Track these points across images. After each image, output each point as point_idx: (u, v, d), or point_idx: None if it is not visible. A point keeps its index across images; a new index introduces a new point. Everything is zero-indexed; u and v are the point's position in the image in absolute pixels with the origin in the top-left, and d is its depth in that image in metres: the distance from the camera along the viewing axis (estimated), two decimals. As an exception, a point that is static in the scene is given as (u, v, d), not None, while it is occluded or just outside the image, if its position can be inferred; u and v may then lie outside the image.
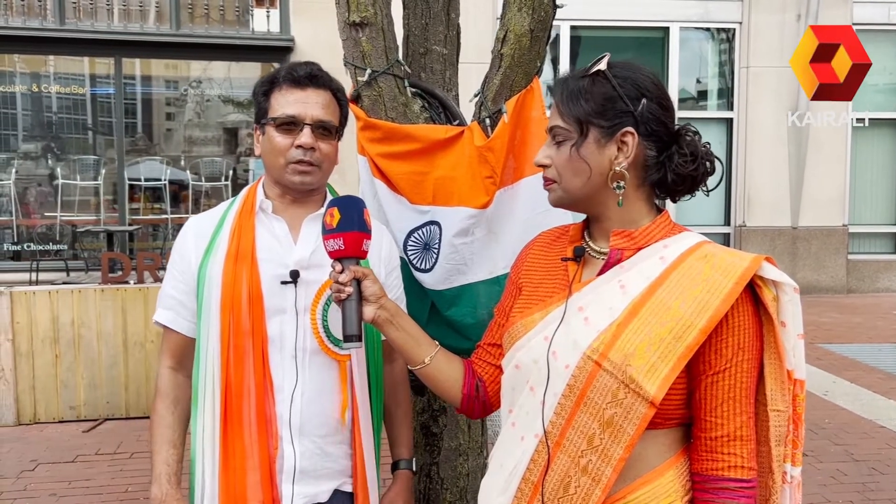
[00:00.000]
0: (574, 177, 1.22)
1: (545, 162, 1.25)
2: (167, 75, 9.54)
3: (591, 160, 1.20)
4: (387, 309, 1.36)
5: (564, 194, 1.25)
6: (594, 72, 1.21)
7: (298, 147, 1.52)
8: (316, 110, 1.53)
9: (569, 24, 9.25)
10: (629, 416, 1.12)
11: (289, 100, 1.53)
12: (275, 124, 1.53)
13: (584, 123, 1.20)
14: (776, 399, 1.17)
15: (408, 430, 1.76)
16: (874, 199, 10.01)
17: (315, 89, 1.55)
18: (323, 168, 1.57)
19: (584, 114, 1.20)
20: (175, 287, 1.61)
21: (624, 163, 1.20)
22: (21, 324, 4.72)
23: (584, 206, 1.27)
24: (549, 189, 1.27)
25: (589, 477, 1.15)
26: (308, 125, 1.52)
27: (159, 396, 1.62)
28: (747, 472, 1.14)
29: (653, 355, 1.12)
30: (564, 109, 1.22)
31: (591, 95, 1.20)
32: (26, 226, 9.00)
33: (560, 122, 1.22)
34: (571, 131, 1.21)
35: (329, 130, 1.56)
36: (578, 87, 1.21)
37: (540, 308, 1.28)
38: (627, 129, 1.19)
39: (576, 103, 1.20)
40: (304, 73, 1.55)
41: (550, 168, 1.25)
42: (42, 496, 3.73)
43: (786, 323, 1.16)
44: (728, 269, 1.14)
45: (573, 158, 1.21)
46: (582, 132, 1.20)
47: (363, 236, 1.34)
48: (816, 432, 4.58)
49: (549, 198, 1.28)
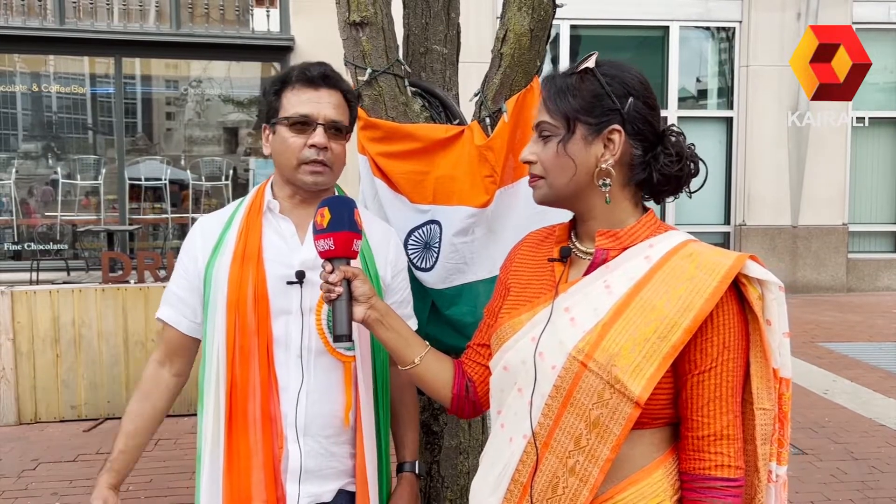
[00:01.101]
0: (560, 173, 1.22)
1: (531, 158, 1.24)
2: (167, 75, 9.54)
3: (578, 157, 1.20)
4: (377, 309, 1.35)
5: (550, 191, 1.24)
6: (582, 69, 1.21)
7: (312, 147, 1.52)
8: (328, 110, 1.53)
9: (569, 23, 9.26)
10: (615, 417, 1.12)
11: (301, 99, 1.53)
12: (287, 123, 1.53)
13: (572, 120, 1.20)
14: (762, 397, 1.17)
15: (413, 432, 1.76)
16: (874, 197, 10.01)
17: (328, 89, 1.55)
18: (335, 168, 1.57)
19: (572, 110, 1.20)
20: (179, 285, 1.61)
21: (611, 160, 1.20)
22: (22, 323, 4.73)
23: (570, 204, 1.26)
24: (535, 186, 1.26)
25: (576, 477, 1.15)
26: (321, 125, 1.52)
27: (136, 387, 1.66)
28: (734, 472, 1.14)
29: (638, 355, 1.11)
30: (552, 105, 1.21)
31: (579, 92, 1.20)
32: (27, 225, 9.01)
33: (547, 118, 1.22)
34: (559, 127, 1.21)
35: (340, 130, 1.56)
36: (566, 84, 1.21)
37: (527, 309, 1.28)
38: (614, 126, 1.19)
39: (563, 99, 1.20)
40: (317, 73, 1.55)
41: (536, 165, 1.24)
42: (43, 495, 3.73)
43: (771, 321, 1.15)
44: (712, 268, 1.14)
45: (560, 155, 1.21)
46: (569, 128, 1.20)
47: (353, 236, 1.34)
48: (817, 431, 4.58)
49: (535, 195, 1.27)
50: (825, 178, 9.59)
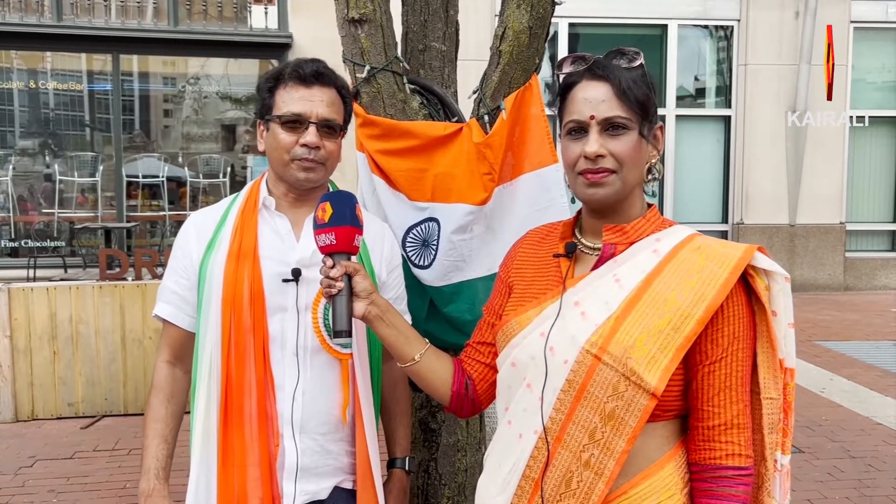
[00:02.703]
0: (635, 167, 1.21)
1: (602, 152, 1.18)
2: (165, 72, 9.52)
3: (645, 151, 1.23)
4: (377, 305, 1.35)
5: (622, 186, 1.20)
6: (639, 64, 1.21)
7: (303, 146, 1.51)
8: (321, 109, 1.52)
9: (567, 21, 9.25)
10: (630, 409, 1.13)
11: (294, 97, 1.52)
12: (280, 122, 1.53)
13: (646, 112, 1.21)
14: (769, 387, 1.18)
15: (405, 428, 1.76)
16: (872, 196, 10.02)
17: (321, 87, 1.54)
18: (327, 166, 1.56)
19: (648, 103, 1.21)
20: (176, 282, 1.60)
21: (657, 155, 1.23)
22: (19, 321, 4.72)
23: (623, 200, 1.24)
24: (605, 182, 1.19)
25: (591, 471, 1.15)
26: (314, 124, 1.51)
27: (154, 390, 1.62)
28: (745, 460, 1.16)
29: (652, 347, 1.13)
30: (631, 97, 1.18)
31: (644, 87, 1.21)
32: (24, 222, 8.98)
33: (621, 112, 1.18)
34: (633, 120, 1.19)
35: (334, 129, 1.55)
36: (634, 77, 1.20)
37: (534, 305, 1.28)
38: (660, 123, 1.24)
39: (639, 91, 1.19)
40: (310, 71, 1.53)
41: (607, 158, 1.18)
42: (40, 492, 3.73)
43: (777, 312, 1.17)
44: (722, 260, 1.16)
45: (639, 147, 1.20)
46: (643, 121, 1.20)
47: (355, 231, 1.33)
48: (814, 429, 4.59)
49: (602, 191, 1.20)
50: (823, 177, 9.59)
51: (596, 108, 1.19)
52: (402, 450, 1.74)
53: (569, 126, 1.23)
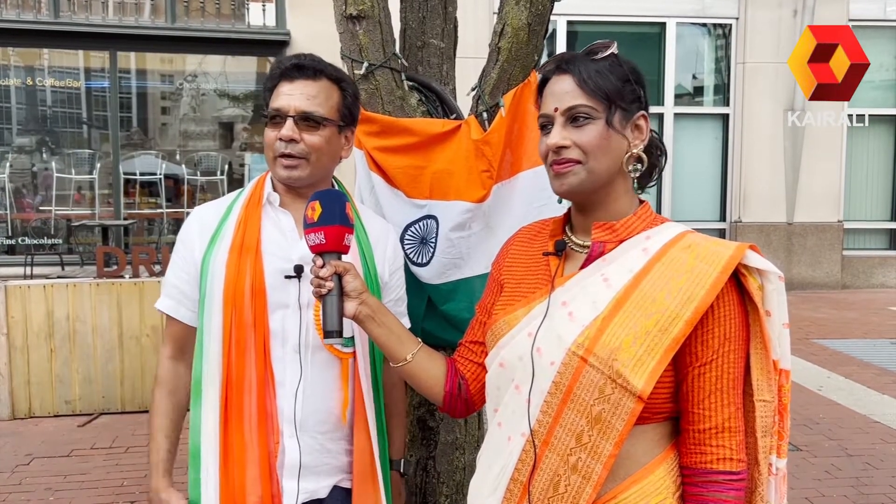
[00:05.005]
0: (603, 156, 1.18)
1: (565, 143, 1.18)
2: (162, 69, 9.50)
3: (615, 141, 1.19)
4: (368, 305, 1.34)
5: (588, 176, 1.18)
6: (610, 54, 1.20)
7: (280, 140, 1.50)
8: (300, 101, 1.50)
9: (565, 18, 9.24)
10: (617, 412, 1.10)
11: (278, 94, 1.52)
12: (267, 120, 1.53)
13: (613, 102, 1.18)
14: (762, 389, 1.16)
15: (400, 430, 1.76)
16: (869, 195, 10.04)
17: (304, 80, 1.52)
18: (312, 160, 1.52)
19: (613, 92, 1.18)
20: (178, 276, 1.59)
21: (640, 145, 1.20)
22: (16, 318, 4.71)
23: (596, 192, 1.21)
24: (570, 171, 1.18)
25: (579, 475, 1.13)
26: (291, 117, 1.49)
27: (158, 385, 1.62)
28: (736, 465, 1.13)
29: (639, 349, 1.10)
30: (592, 86, 1.17)
31: (612, 76, 1.19)
32: (21, 220, 8.97)
33: (583, 101, 1.17)
34: (598, 110, 1.18)
35: (316, 121, 1.51)
36: (599, 68, 1.19)
37: (523, 304, 1.26)
38: (642, 112, 1.21)
39: (604, 81, 1.18)
40: (289, 65, 1.52)
41: (571, 149, 1.18)
42: (37, 490, 3.72)
43: (771, 312, 1.14)
44: (712, 259, 1.13)
45: (605, 136, 1.17)
46: (611, 110, 1.18)
47: (345, 230, 1.32)
48: (811, 427, 4.60)
49: (567, 181, 1.19)
50: (821, 175, 9.60)
51: (560, 99, 1.19)
52: (396, 452, 1.73)
53: (540, 122, 1.24)
